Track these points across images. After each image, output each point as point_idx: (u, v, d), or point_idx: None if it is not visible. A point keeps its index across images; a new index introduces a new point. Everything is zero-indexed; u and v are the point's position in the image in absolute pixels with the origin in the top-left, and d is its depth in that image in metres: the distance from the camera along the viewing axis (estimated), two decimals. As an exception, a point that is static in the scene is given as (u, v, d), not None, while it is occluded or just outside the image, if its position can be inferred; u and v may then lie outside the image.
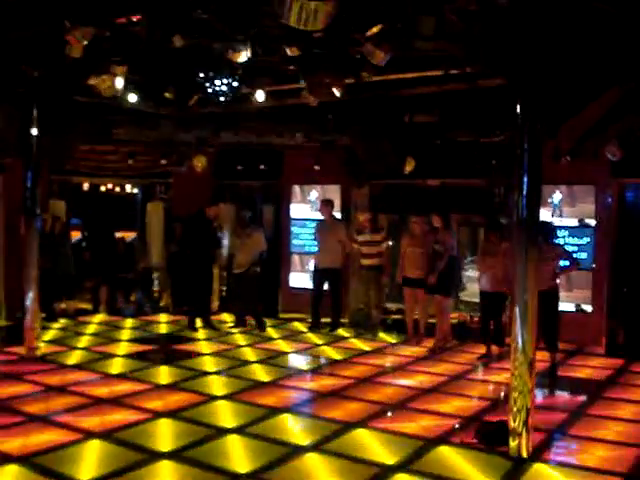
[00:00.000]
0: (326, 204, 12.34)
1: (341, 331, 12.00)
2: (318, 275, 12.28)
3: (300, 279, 13.55)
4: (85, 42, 6.08)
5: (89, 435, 6.52)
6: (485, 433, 6.47)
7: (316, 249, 12.51)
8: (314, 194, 13.38)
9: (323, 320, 12.14)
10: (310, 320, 12.28)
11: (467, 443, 6.46)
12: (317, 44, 6.14)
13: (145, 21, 6.20)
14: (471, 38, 5.59)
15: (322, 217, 12.41)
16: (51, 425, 6.81)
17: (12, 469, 5.69)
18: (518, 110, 6.06)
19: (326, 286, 12.22)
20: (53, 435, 6.51)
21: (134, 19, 6.23)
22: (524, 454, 6.09)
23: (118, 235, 14.59)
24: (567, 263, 9.65)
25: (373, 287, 11.60)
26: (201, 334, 11.57)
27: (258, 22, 5.98)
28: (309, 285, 12.61)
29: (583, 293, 10.88)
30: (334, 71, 6.93)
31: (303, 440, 6.54)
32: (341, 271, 12.25)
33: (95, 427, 6.73)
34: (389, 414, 7.52)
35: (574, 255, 10.04)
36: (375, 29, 5.28)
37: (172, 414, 7.22)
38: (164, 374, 8.94)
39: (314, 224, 12.74)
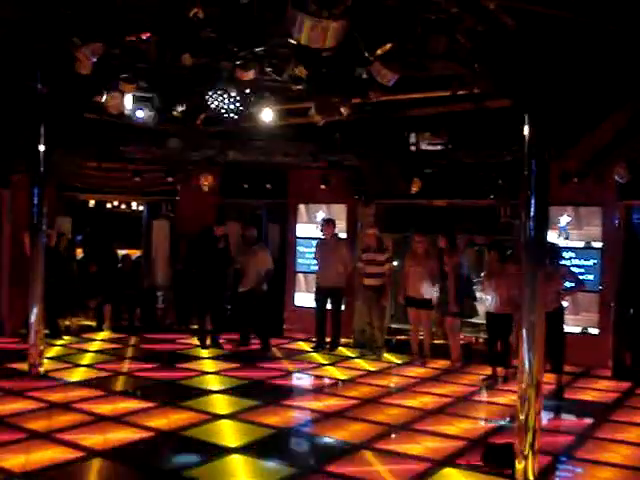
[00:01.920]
0: (328, 223, 12.33)
1: (345, 351, 11.94)
2: (321, 294, 12.25)
3: (305, 298, 13.51)
4: (94, 59, 6.11)
5: (91, 453, 6.48)
6: (491, 455, 6.41)
7: (317, 268, 12.47)
8: (320, 214, 13.37)
9: (328, 339, 12.11)
10: (315, 340, 12.23)
11: (473, 465, 6.40)
12: (325, 64, 6.15)
13: (154, 39, 6.23)
14: (479, 59, 5.61)
15: (323, 236, 12.40)
16: (53, 442, 6.77)
17: (14, 486, 5.66)
18: (526, 131, 6.07)
19: (329, 305, 12.19)
20: (55, 452, 6.47)
21: (143, 37, 6.26)
22: (530, 477, 6.01)
23: (124, 252, 14.59)
24: (572, 284, 9.62)
25: (376, 307, 11.55)
26: (206, 353, 11.53)
27: (267, 41, 6.01)
28: (314, 304, 12.56)
29: (590, 315, 10.83)
30: (342, 91, 6.94)
31: (306, 461, 6.50)
32: (343, 290, 12.22)
33: (98, 445, 6.69)
34: (393, 435, 7.46)
35: (579, 276, 10.01)
36: (385, 48, 5.29)
37: (175, 432, 7.18)
38: (168, 392, 8.89)
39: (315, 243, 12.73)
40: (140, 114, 8.37)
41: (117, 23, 5.91)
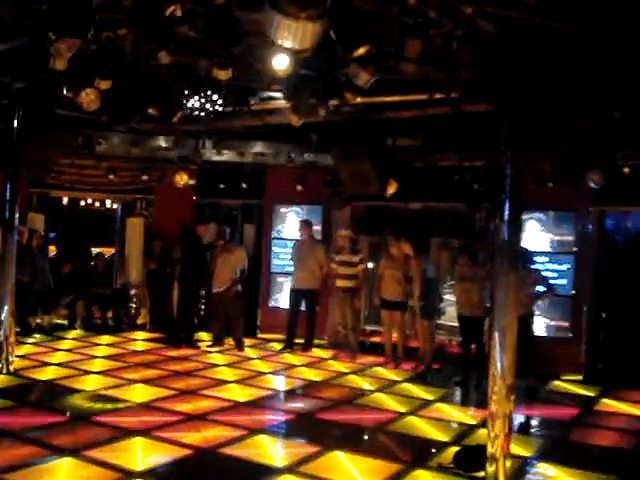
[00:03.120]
0: (306, 224, 12.33)
1: (319, 352, 11.93)
2: (295, 295, 12.23)
3: (280, 299, 13.49)
4: (69, 55, 6.04)
5: (60, 452, 6.41)
6: (462, 458, 6.44)
7: (293, 269, 12.45)
8: (295, 214, 13.36)
9: (298, 340, 12.10)
10: (285, 340, 12.22)
11: (444, 467, 6.42)
12: (303, 64, 6.13)
13: (131, 37, 6.17)
14: (457, 63, 5.62)
15: (300, 237, 12.38)
16: (22, 441, 6.69)
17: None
18: (502, 135, 6.09)
19: (303, 306, 12.18)
20: (24, 451, 6.41)
21: (120, 34, 6.20)
22: (501, 480, 6.05)
23: (97, 250, 14.48)
24: (543, 289, 9.67)
25: (349, 309, 11.55)
26: (180, 352, 11.46)
27: (244, 41, 5.97)
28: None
29: (562, 320, 10.91)
30: (319, 92, 6.92)
31: (278, 462, 6.48)
32: (318, 292, 12.22)
33: (67, 444, 6.63)
34: (366, 437, 7.47)
35: (550, 281, 10.08)
36: (361, 50, 5.28)
37: (145, 433, 7.13)
38: (139, 392, 8.82)
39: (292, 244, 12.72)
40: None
41: (94, 19, 5.85)
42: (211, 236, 12.39)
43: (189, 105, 7.46)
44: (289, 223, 13.53)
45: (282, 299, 13.37)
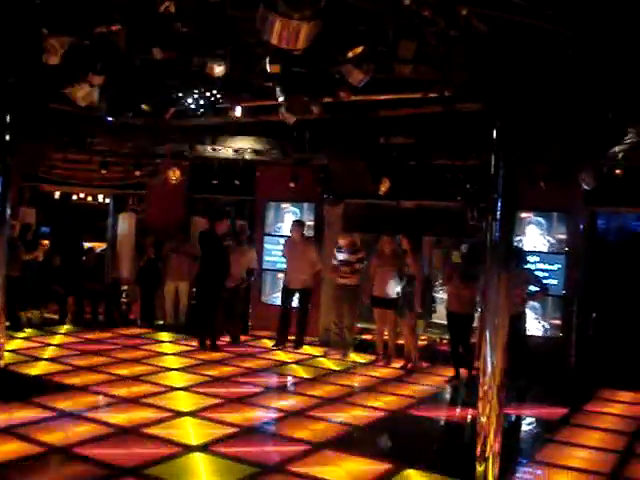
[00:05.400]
0: (298, 225, 12.36)
1: (310, 349, 11.94)
2: (287, 294, 12.25)
3: (272, 296, 13.49)
4: (63, 50, 6.01)
5: (50, 449, 6.40)
6: (452, 457, 6.45)
7: (285, 267, 12.46)
8: (293, 214, 13.36)
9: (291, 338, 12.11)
10: (276, 338, 12.23)
11: (434, 466, 6.43)
12: (297, 62, 6.13)
13: (124, 32, 6.15)
14: (450, 63, 5.62)
15: (292, 236, 12.39)
16: (12, 436, 6.68)
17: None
18: (495, 134, 6.10)
19: (295, 303, 12.20)
20: (13, 446, 6.39)
21: (114, 29, 6.18)
22: (490, 479, 6.06)
23: (88, 245, 14.44)
24: (536, 289, 9.71)
25: (347, 307, 11.56)
26: (169, 348, 11.46)
27: (238, 38, 5.96)
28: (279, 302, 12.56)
29: (553, 319, 10.94)
30: (313, 90, 6.91)
31: (269, 461, 6.48)
32: (311, 290, 12.24)
33: (57, 441, 6.62)
34: (355, 436, 7.47)
35: (542, 281, 10.12)
36: (356, 51, 5.28)
37: (136, 429, 7.12)
38: (130, 388, 8.81)
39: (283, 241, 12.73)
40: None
41: (87, 14, 5.83)
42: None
43: (182, 101, 7.45)
44: (287, 222, 13.46)
45: (274, 296, 13.36)
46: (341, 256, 11.54)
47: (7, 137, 9.20)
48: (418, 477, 6.23)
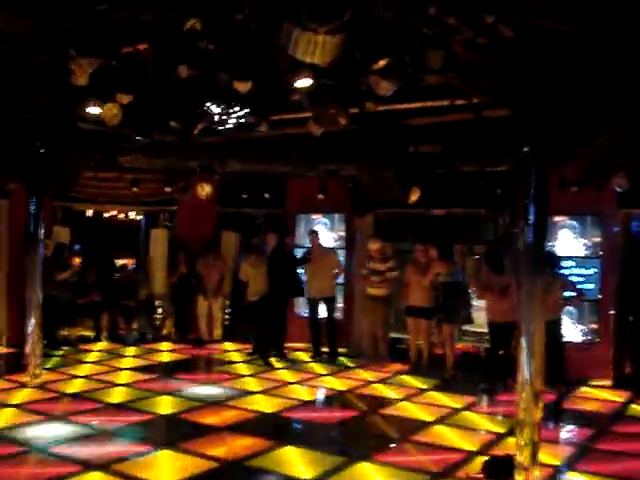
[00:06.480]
0: (313, 234, 12.43)
1: (345, 361, 11.89)
2: (313, 304, 12.25)
3: (303, 307, 13.46)
4: (90, 70, 6.07)
5: (87, 467, 6.43)
6: (491, 467, 6.37)
7: (305, 278, 12.42)
8: (323, 225, 13.37)
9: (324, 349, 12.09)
10: (312, 349, 12.19)
11: (473, 477, 6.36)
12: (323, 75, 6.12)
13: (151, 51, 6.20)
14: (478, 70, 5.58)
15: (311, 245, 12.46)
16: (50, 456, 6.73)
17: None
18: (525, 140, 6.05)
19: (323, 314, 12.20)
20: (51, 467, 6.43)
21: (140, 48, 6.23)
22: (530, 490, 5.98)
23: (121, 262, 14.54)
24: (572, 294, 9.57)
25: (379, 316, 11.50)
26: (203, 363, 11.49)
27: (263, 53, 5.98)
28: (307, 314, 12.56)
29: (590, 324, 10.79)
30: (340, 102, 6.91)
31: (306, 474, 6.44)
32: (335, 298, 12.26)
33: (94, 459, 6.65)
34: (393, 447, 7.41)
35: (578, 286, 9.97)
36: (382, 62, 5.26)
37: (172, 445, 7.13)
38: (165, 404, 8.84)
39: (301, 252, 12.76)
40: None
41: (114, 34, 5.88)
42: (229, 247, 12.46)
43: (210, 118, 7.49)
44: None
45: (304, 307, 13.33)
46: (371, 265, 11.50)
47: (38, 158, 9.36)
48: None
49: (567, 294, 9.56)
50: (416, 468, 6.63)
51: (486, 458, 6.63)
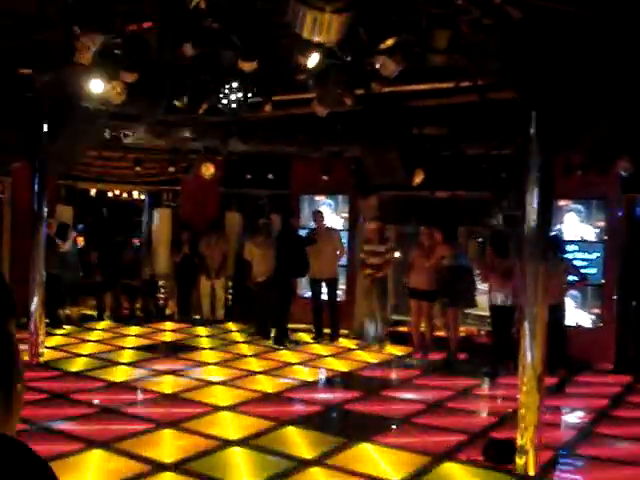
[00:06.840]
0: (317, 214, 12.43)
1: (347, 342, 11.91)
2: (316, 285, 12.25)
3: (306, 289, 13.47)
4: (94, 48, 6.04)
5: (90, 444, 6.46)
6: (492, 450, 6.39)
7: (310, 258, 12.40)
8: (328, 205, 13.35)
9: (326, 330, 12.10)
10: (314, 331, 12.21)
11: (473, 460, 6.38)
12: (329, 54, 6.08)
13: (156, 29, 6.16)
14: (485, 51, 5.54)
15: (315, 226, 12.46)
16: (52, 434, 6.76)
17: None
18: (531, 124, 6.01)
19: (324, 296, 12.21)
20: (53, 444, 6.45)
21: (145, 26, 6.19)
22: (531, 472, 6.00)
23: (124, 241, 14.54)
24: (575, 278, 9.57)
25: (377, 299, 11.51)
26: (206, 343, 11.51)
27: (270, 32, 5.94)
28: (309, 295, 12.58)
29: (592, 308, 10.79)
30: (345, 82, 6.87)
31: (307, 454, 6.47)
32: (337, 280, 12.28)
33: (96, 436, 6.68)
34: (394, 428, 7.44)
35: (581, 270, 9.95)
36: (389, 42, 5.22)
37: (174, 424, 7.16)
38: (168, 383, 8.87)
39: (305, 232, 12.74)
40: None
41: (118, 12, 5.84)
42: (233, 227, 12.41)
43: (214, 96, 7.45)
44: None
45: (306, 288, 13.34)
46: (369, 247, 11.49)
47: (42, 136, 9.34)
48: (458, 470, 6.18)
49: (571, 278, 9.55)
50: (417, 450, 6.66)
51: (487, 441, 6.66)
